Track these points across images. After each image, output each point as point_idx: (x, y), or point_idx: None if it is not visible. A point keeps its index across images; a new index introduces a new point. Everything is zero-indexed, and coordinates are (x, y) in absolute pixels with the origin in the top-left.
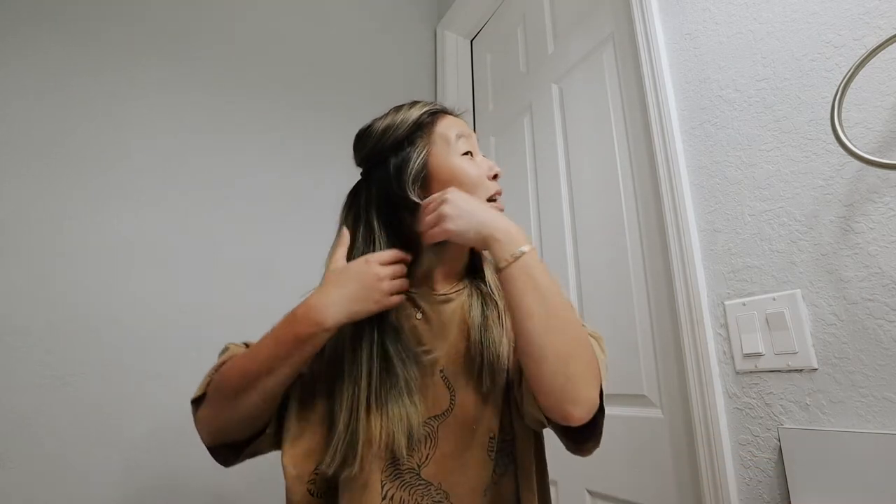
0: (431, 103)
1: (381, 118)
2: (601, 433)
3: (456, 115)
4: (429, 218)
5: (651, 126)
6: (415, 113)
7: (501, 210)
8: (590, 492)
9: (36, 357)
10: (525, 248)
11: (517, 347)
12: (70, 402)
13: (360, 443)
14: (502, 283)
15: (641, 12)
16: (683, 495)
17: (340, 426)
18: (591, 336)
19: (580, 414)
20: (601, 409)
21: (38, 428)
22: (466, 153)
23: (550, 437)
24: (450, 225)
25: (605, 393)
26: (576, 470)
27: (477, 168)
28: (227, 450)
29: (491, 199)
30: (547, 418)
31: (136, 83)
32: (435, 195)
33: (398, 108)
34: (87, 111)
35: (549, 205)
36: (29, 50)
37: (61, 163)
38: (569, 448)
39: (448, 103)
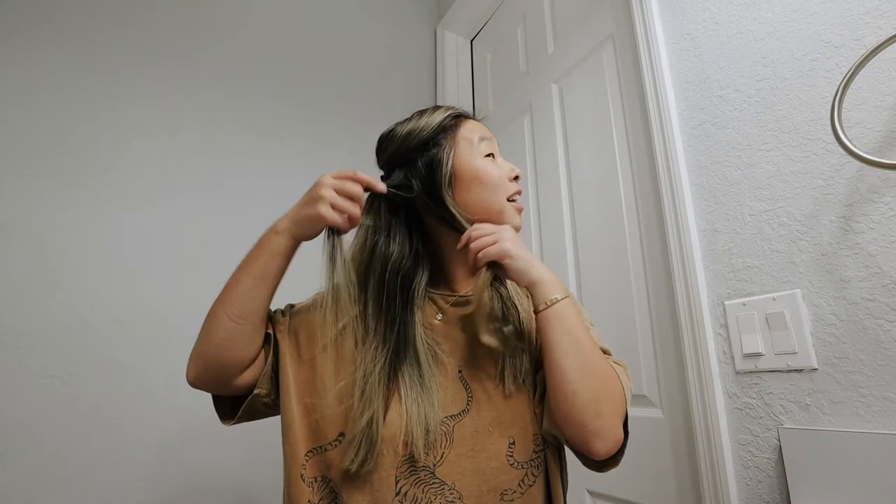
0: (454, 107)
1: (403, 122)
2: (622, 459)
3: (478, 120)
4: (486, 238)
5: (651, 126)
6: (438, 116)
7: (521, 209)
8: (590, 492)
9: (36, 357)
10: (564, 295)
11: (550, 385)
12: (70, 402)
13: (380, 442)
14: (540, 323)
15: (641, 12)
16: (683, 495)
17: (361, 426)
18: (617, 364)
19: (605, 449)
20: (625, 436)
21: (38, 428)
22: (488, 155)
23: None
24: (509, 246)
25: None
26: (576, 470)
27: (499, 169)
28: (224, 403)
29: (511, 199)
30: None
31: (136, 83)
32: (489, 225)
33: (421, 113)
34: (87, 111)
35: (549, 205)
36: (29, 50)
37: (61, 163)
38: (587, 466)
39: (448, 103)
